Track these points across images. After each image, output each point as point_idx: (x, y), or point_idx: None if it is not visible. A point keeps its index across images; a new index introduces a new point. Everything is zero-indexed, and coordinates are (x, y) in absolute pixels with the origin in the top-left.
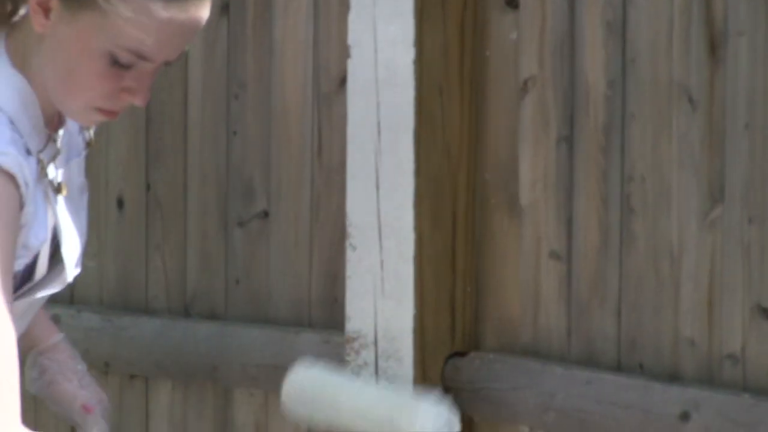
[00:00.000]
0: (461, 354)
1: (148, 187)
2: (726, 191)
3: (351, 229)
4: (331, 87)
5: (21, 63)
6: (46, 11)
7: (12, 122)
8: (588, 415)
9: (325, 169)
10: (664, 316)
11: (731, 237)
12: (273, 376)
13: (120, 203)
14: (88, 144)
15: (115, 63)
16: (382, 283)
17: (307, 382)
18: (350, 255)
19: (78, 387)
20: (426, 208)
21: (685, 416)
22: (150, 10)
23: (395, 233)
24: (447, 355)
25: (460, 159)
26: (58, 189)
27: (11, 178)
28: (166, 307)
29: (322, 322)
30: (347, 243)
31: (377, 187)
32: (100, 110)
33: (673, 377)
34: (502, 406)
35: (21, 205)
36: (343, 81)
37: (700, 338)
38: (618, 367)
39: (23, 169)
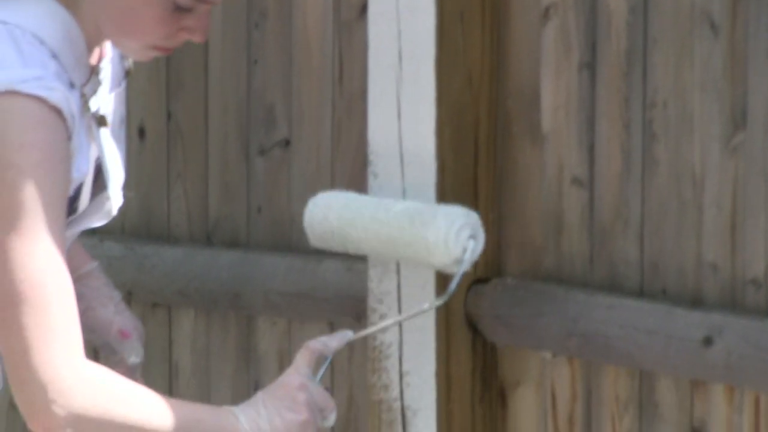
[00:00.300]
0: (484, 281)
1: (169, 117)
2: (748, 116)
3: (372, 157)
4: (351, 15)
5: None
6: None
7: (55, 56)
8: (611, 340)
9: (346, 97)
10: (686, 241)
11: (753, 162)
12: (296, 303)
13: (141, 133)
14: (127, 73)
15: (176, 8)
16: None
17: (328, 204)
18: (372, 182)
19: (114, 313)
20: (447, 136)
21: (708, 341)
22: None
23: (417, 161)
24: (470, 282)
25: (481, 86)
26: (101, 122)
27: (58, 112)
28: (188, 235)
29: None
30: (369, 170)
31: (399, 115)
32: (157, 48)
33: (696, 302)
34: (525, 333)
35: (68, 138)
36: (363, 8)
37: (723, 263)
38: (641, 293)
39: (69, 102)
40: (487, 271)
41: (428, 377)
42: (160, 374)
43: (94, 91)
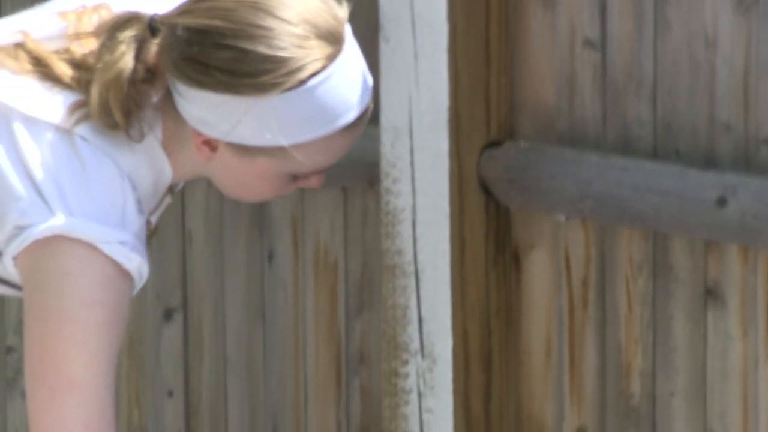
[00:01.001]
0: (497, 144)
1: None
2: None
3: (384, 22)
4: None
5: (172, 146)
6: (213, 149)
7: (140, 201)
8: (624, 202)
9: None
10: (699, 101)
11: (766, 21)
12: None
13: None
14: None
15: (293, 177)
16: (416, 75)
17: None
18: (383, 47)
19: None
20: None
21: (721, 201)
22: (330, 143)
23: (429, 25)
24: (482, 146)
25: None
26: (151, 236)
27: (131, 280)
28: None
29: None
30: (380, 35)
31: None
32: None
33: (710, 162)
34: (539, 195)
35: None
36: None
37: (736, 123)
38: (654, 154)
39: (142, 270)
40: (500, 135)
41: (442, 241)
42: (173, 242)
43: (160, 211)
